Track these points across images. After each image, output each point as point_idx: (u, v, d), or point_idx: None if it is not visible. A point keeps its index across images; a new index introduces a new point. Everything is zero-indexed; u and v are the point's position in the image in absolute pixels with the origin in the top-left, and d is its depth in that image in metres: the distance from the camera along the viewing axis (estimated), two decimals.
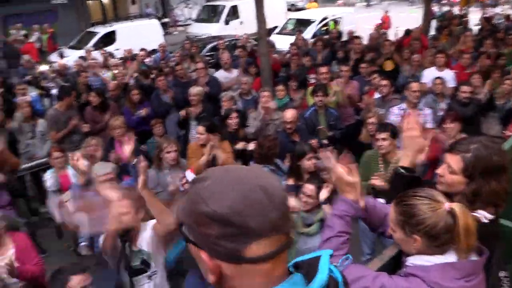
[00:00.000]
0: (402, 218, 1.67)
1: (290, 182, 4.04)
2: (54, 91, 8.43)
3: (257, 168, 1.10)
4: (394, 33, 14.22)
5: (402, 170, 2.17)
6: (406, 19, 18.40)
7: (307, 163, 4.18)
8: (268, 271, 0.92)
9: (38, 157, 6.29)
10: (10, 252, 3.38)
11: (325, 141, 5.67)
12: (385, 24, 17.40)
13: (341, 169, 1.88)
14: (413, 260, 1.66)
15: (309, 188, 3.56)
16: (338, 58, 8.95)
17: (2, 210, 4.47)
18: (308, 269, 1.01)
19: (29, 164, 6.17)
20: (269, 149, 4.61)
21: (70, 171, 5.29)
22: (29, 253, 3.46)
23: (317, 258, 1.04)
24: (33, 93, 8.42)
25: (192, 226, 0.95)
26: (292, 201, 3.62)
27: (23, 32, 15.84)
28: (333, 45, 10.53)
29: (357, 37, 9.43)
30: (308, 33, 15.04)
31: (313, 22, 16.50)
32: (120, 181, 4.29)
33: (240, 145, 5.39)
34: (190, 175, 4.11)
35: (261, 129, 5.73)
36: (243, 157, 5.50)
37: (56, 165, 5.28)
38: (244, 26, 16.85)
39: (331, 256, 1.03)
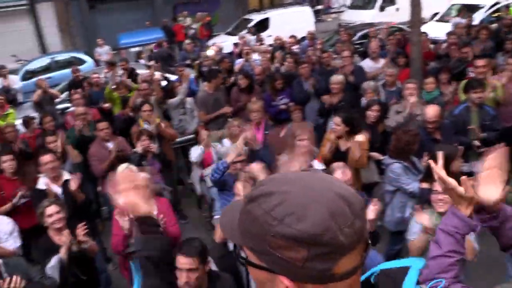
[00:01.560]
0: None
1: (424, 185, 3.71)
2: None
3: (321, 173, 1.01)
4: None
5: None
6: None
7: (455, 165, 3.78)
8: (352, 285, 0.85)
9: (189, 132, 6.93)
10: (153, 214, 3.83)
11: (476, 143, 5.07)
12: None
13: (452, 180, 1.61)
14: None
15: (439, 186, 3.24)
16: (505, 49, 7.83)
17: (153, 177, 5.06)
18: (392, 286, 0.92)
19: (181, 139, 6.85)
20: (407, 143, 4.32)
21: (213, 149, 5.74)
22: (168, 217, 3.87)
23: (405, 272, 0.95)
24: (191, 75, 9.28)
25: (264, 251, 0.84)
26: (426, 220, 3.32)
27: (188, 19, 17.46)
28: (501, 34, 9.22)
29: None
30: (475, 20, 13.43)
31: (482, 7, 14.65)
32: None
33: (375, 156, 5.16)
34: (317, 165, 4.07)
35: (402, 123, 5.38)
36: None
37: (202, 142, 5.76)
38: (400, 13, 15.86)
39: (429, 280, 0.93)
